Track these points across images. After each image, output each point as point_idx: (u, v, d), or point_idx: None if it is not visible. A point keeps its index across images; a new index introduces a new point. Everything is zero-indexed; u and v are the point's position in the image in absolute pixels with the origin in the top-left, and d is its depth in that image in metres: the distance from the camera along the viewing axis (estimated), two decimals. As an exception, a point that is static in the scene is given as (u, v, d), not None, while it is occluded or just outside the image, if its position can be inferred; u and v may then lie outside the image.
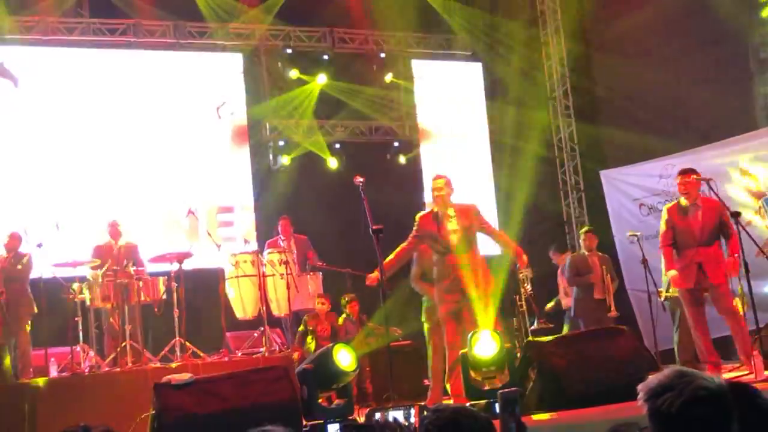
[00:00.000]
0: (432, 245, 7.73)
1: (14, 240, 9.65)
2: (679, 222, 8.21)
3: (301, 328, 10.40)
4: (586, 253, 10.53)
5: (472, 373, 6.73)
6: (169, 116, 12.66)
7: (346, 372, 6.47)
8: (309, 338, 10.23)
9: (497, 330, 6.96)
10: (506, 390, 2.98)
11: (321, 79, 13.21)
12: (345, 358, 6.51)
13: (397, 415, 2.65)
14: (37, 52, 12.08)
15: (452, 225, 7.56)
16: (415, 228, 7.77)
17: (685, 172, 8.30)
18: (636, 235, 10.13)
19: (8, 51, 11.86)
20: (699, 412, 2.18)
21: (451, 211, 7.65)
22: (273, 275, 10.36)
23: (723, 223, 8.11)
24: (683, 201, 8.22)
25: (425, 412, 2.77)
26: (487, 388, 6.67)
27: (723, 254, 8.15)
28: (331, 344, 6.67)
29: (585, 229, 11.06)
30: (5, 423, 8.12)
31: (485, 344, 6.72)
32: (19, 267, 9.49)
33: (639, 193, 12.39)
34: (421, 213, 7.96)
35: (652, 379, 2.44)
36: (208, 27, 12.89)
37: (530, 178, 13.60)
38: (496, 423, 2.79)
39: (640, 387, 2.46)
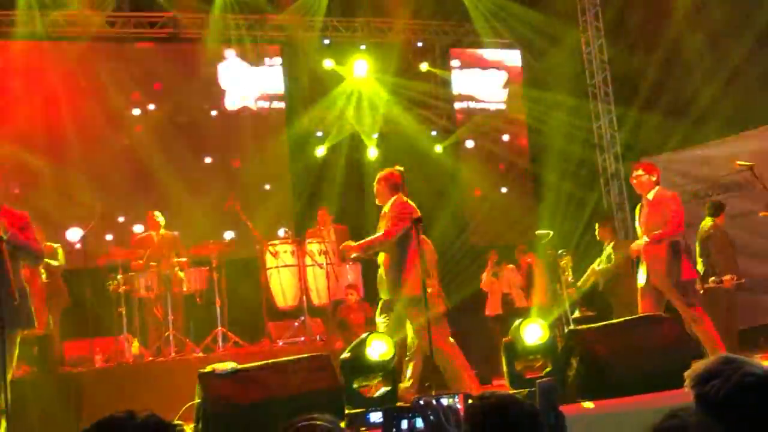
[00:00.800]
0: None
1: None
2: (638, 219, 8.12)
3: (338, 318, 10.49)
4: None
5: (516, 362, 6.72)
6: (208, 107, 12.76)
7: (380, 361, 6.46)
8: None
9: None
10: (544, 379, 2.98)
11: (359, 69, 13.21)
12: (379, 347, 6.49)
13: (443, 401, 2.67)
14: (79, 46, 12.22)
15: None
16: None
17: (634, 167, 8.18)
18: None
19: (52, 45, 12.03)
20: (746, 399, 2.17)
21: (384, 209, 7.56)
22: (312, 265, 10.42)
23: (666, 215, 7.81)
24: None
25: (470, 400, 2.77)
26: (529, 377, 6.66)
27: (664, 251, 7.79)
28: (365, 334, 6.66)
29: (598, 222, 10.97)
30: (51, 412, 8.25)
31: (533, 332, 6.70)
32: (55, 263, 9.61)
33: (680, 180, 12.26)
34: None
35: (699, 365, 2.42)
36: (246, 18, 12.94)
37: (570, 166, 13.53)
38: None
39: (687, 374, 2.45)
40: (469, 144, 14.37)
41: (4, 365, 5.66)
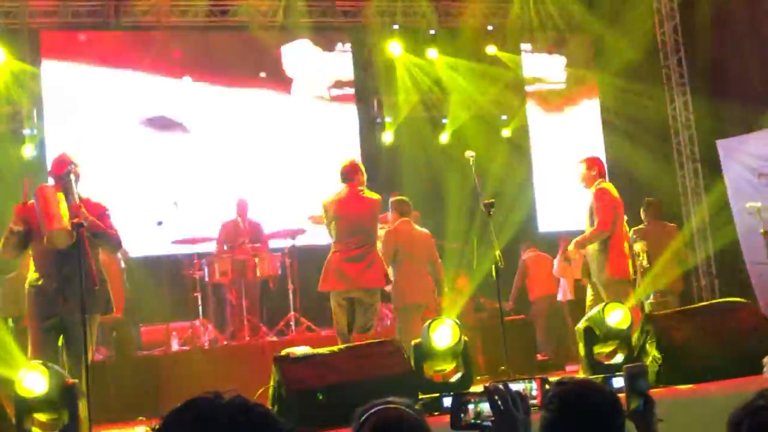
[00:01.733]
0: None
1: None
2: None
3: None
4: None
5: (595, 347, 6.65)
6: (279, 96, 12.83)
7: (445, 348, 6.44)
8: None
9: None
10: (632, 365, 2.96)
11: (431, 55, 13.16)
12: (444, 333, 6.47)
13: (517, 387, 2.65)
14: (151, 35, 12.44)
15: None
16: None
17: (579, 162, 8.04)
18: (755, 207, 9.81)
19: (125, 36, 12.26)
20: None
21: None
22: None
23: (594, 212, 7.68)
24: None
25: (547, 386, 2.76)
26: (607, 362, 6.61)
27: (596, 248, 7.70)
28: (429, 321, 6.66)
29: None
30: (130, 394, 8.45)
31: (617, 316, 6.63)
32: None
33: (758, 163, 11.95)
34: None
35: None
36: (316, 6, 12.98)
37: (644, 150, 13.31)
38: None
39: (765, 360, 2.41)
40: (539, 128, 14.20)
41: (85, 349, 5.81)
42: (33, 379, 5.59)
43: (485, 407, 2.54)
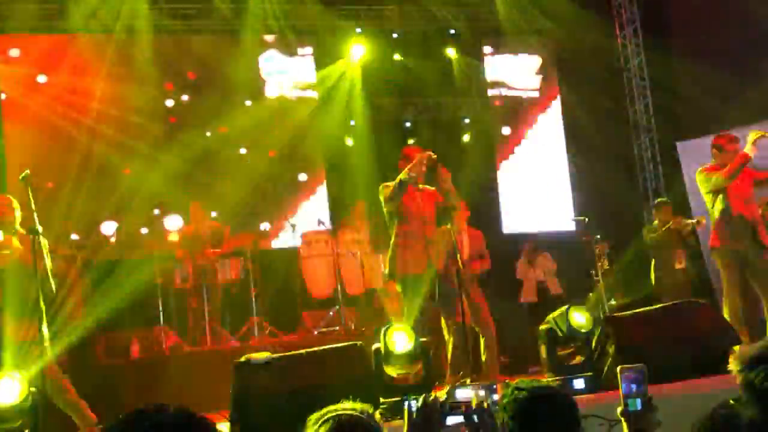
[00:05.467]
0: None
1: None
2: None
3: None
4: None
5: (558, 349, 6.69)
6: (244, 97, 12.72)
7: (402, 353, 6.43)
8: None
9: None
10: (629, 366, 2.91)
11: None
12: (400, 338, 6.47)
13: (480, 393, 2.64)
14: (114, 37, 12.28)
15: None
16: None
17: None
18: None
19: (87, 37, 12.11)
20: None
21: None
22: (346, 254, 10.41)
23: None
24: None
25: (506, 390, 2.75)
26: (569, 364, 6.65)
27: None
28: (386, 326, 6.65)
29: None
30: (90, 402, 8.32)
31: (579, 318, 6.67)
32: None
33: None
34: None
35: (748, 350, 2.38)
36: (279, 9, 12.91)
37: (605, 152, 13.37)
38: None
39: (733, 357, 2.40)
40: (504, 131, 14.24)
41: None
42: None
43: (412, 405, 2.52)
